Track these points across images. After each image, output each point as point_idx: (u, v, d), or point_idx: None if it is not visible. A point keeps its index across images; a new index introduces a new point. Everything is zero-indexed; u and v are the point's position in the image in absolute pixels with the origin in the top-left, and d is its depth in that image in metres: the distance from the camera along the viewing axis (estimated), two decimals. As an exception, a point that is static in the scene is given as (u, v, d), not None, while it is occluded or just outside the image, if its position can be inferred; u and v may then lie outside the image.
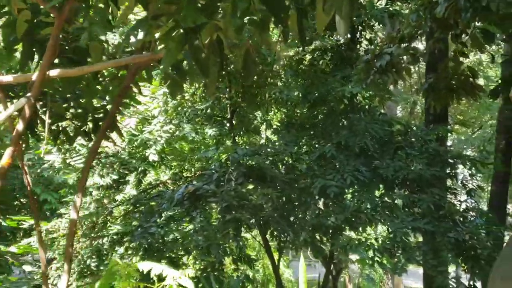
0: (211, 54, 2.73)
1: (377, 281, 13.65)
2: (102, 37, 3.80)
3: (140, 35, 2.76)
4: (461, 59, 4.85)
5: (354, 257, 9.69)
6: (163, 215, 5.53)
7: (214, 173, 5.58)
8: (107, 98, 4.65)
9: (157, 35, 2.69)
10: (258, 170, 5.95)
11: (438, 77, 4.80)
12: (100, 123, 4.61)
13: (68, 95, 4.67)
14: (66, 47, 4.05)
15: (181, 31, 2.54)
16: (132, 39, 2.87)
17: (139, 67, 3.67)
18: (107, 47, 4.10)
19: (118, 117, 7.31)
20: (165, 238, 6.20)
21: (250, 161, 6.04)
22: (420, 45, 8.98)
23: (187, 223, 5.52)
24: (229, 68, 7.61)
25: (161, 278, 4.07)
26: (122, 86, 3.79)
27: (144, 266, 3.30)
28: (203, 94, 7.13)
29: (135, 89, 4.58)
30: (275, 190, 6.03)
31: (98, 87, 4.66)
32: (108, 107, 4.68)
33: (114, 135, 4.67)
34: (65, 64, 3.94)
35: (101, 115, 4.63)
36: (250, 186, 5.61)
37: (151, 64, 3.94)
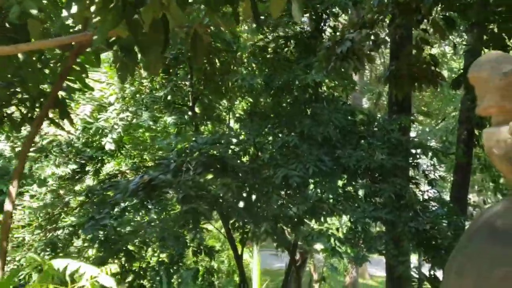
0: (154, 33, 2.52)
1: (341, 270, 13.77)
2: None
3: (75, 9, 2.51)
4: (424, 47, 4.79)
5: (319, 246, 9.66)
6: (117, 206, 5.27)
7: (172, 163, 5.36)
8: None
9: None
10: (219, 159, 5.76)
11: (400, 64, 4.72)
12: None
13: (14, 79, 4.36)
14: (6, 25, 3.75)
15: (119, 4, 2.32)
16: (65, 13, 2.61)
17: (82, 47, 3.40)
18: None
19: (73, 104, 6.99)
20: (122, 230, 5.96)
21: (211, 151, 5.84)
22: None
23: (142, 214, 5.29)
24: (189, 54, 7.37)
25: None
26: (64, 67, 3.51)
27: (59, 263, 3.01)
28: (163, 81, 6.86)
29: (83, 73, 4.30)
30: (236, 180, 5.87)
31: (46, 70, 4.37)
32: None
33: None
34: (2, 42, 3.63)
35: (49, 101, 4.33)
36: (210, 176, 5.43)
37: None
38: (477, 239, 1.51)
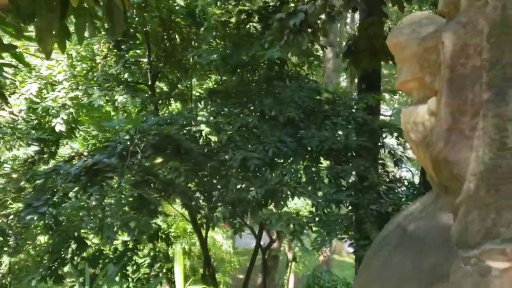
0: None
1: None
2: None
3: None
4: (385, 20, 4.48)
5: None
6: (57, 192, 4.90)
7: (119, 145, 4.99)
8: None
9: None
10: (171, 141, 5.41)
11: (358, 39, 4.41)
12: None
13: None
14: None
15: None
16: None
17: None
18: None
19: (17, 83, 6.50)
20: (74, 218, 5.62)
21: (164, 131, 5.48)
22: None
23: (82, 200, 4.94)
24: (146, 29, 6.93)
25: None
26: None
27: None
28: (115, 58, 6.43)
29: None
30: (191, 163, 5.55)
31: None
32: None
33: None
34: None
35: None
36: (159, 160, 5.09)
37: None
38: (385, 248, 1.22)
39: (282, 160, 6.11)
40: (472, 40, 1.06)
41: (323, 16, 4.22)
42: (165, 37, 7.51)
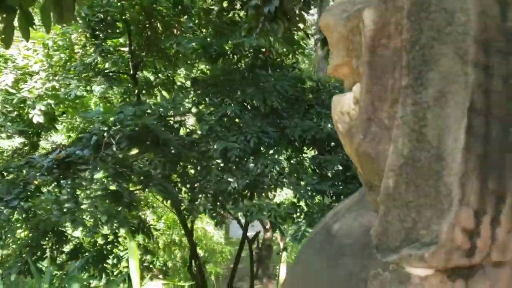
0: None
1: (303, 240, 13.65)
2: None
3: None
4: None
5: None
6: (29, 186, 4.78)
7: (93, 137, 4.86)
8: None
9: None
10: (149, 132, 5.28)
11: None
12: None
13: None
14: None
15: None
16: None
17: None
18: None
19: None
20: (53, 211, 5.50)
21: (141, 122, 5.34)
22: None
23: (56, 194, 4.82)
24: (125, 17, 6.76)
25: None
26: None
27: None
28: (92, 46, 6.26)
29: None
30: (170, 154, 5.44)
31: None
32: None
33: None
34: None
35: None
36: (135, 151, 4.97)
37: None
38: (307, 252, 1.11)
39: (264, 150, 6.01)
40: (393, 17, 0.94)
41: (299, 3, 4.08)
42: (147, 25, 7.34)
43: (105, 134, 4.95)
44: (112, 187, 4.64)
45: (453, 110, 0.84)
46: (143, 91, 7.62)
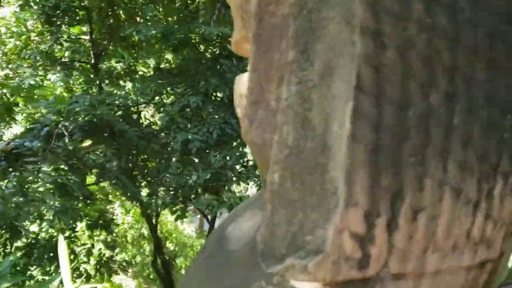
0: None
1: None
2: None
3: None
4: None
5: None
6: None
7: (44, 128, 4.60)
8: None
9: None
10: (104, 123, 5.04)
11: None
12: None
13: None
14: None
15: None
16: None
17: None
18: None
19: None
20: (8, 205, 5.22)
21: (95, 112, 5.09)
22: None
23: (1, 186, 4.55)
24: (84, 3, 6.47)
25: None
26: None
27: None
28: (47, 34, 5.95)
29: None
30: (127, 146, 5.21)
31: None
32: None
33: None
34: None
35: None
36: (88, 143, 4.73)
37: None
38: (201, 256, 0.96)
39: (226, 142, 5.83)
40: (281, -21, 0.79)
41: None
42: (110, 13, 7.05)
43: (58, 125, 4.70)
44: (61, 181, 4.40)
45: (339, 90, 0.68)
46: (106, 81, 7.34)
